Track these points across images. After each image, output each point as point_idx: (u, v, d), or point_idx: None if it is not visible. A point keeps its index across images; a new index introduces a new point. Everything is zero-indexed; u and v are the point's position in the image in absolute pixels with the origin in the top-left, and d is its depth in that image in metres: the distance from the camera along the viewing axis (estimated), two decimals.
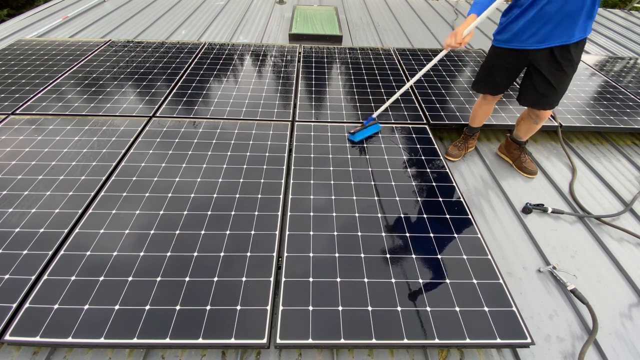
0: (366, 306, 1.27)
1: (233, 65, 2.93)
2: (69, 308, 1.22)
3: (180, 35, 3.88)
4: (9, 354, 1.22)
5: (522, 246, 1.71)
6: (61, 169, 1.79)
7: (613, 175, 2.19)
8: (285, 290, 1.31)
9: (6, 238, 1.44)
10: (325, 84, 2.70)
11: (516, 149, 2.15)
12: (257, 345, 1.15)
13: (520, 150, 2.14)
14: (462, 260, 1.45)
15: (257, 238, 1.49)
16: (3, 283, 1.29)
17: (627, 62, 3.43)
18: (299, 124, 2.22)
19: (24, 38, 3.28)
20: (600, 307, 1.47)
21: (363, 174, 1.86)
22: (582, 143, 2.47)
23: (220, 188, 1.72)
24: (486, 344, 1.19)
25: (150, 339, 1.15)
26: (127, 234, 1.48)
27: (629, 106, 2.61)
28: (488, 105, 2.04)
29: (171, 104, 2.37)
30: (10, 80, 2.55)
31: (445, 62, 3.14)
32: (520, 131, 2.07)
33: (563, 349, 1.32)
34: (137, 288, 1.29)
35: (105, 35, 3.76)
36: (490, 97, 1.98)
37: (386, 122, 2.29)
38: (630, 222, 1.88)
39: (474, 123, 2.16)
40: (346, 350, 1.27)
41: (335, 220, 1.59)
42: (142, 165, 1.83)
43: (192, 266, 1.37)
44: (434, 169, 1.92)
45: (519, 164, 2.14)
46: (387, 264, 1.42)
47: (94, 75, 2.66)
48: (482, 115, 2.10)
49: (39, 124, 2.12)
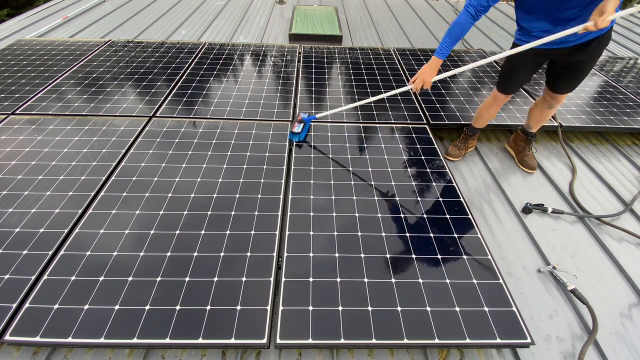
0: (366, 306, 1.27)
1: (233, 65, 2.93)
2: (69, 308, 1.22)
3: (180, 35, 3.88)
4: (8, 354, 1.22)
5: (522, 246, 1.71)
6: (61, 169, 1.79)
7: (613, 175, 2.19)
8: (285, 290, 1.31)
9: (6, 238, 1.44)
10: (325, 84, 2.70)
11: (522, 141, 2.17)
12: (257, 345, 1.15)
13: (527, 143, 2.16)
14: (462, 260, 1.45)
15: (257, 238, 1.49)
16: (3, 283, 1.29)
17: (627, 62, 3.43)
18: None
19: (24, 38, 3.28)
20: (600, 307, 1.47)
21: (363, 174, 1.86)
22: (582, 143, 2.47)
23: (220, 188, 1.72)
24: (486, 344, 1.19)
25: (150, 339, 1.15)
26: (127, 234, 1.48)
27: (629, 106, 2.61)
28: (497, 107, 2.03)
29: (171, 104, 2.36)
30: (10, 80, 2.55)
31: (445, 62, 3.15)
32: (532, 119, 2.08)
33: (563, 349, 1.32)
34: (137, 288, 1.29)
35: (105, 35, 3.76)
36: (502, 97, 1.96)
37: (386, 122, 2.29)
38: (630, 222, 1.87)
39: (477, 124, 2.15)
40: (346, 350, 1.27)
41: (335, 220, 1.59)
42: (142, 165, 1.83)
43: (192, 266, 1.37)
44: (434, 169, 1.92)
45: (520, 157, 2.16)
46: (387, 264, 1.42)
47: (94, 75, 2.66)
48: (488, 117, 2.10)
49: (39, 124, 2.12)
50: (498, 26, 4.71)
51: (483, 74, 2.96)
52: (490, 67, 3.10)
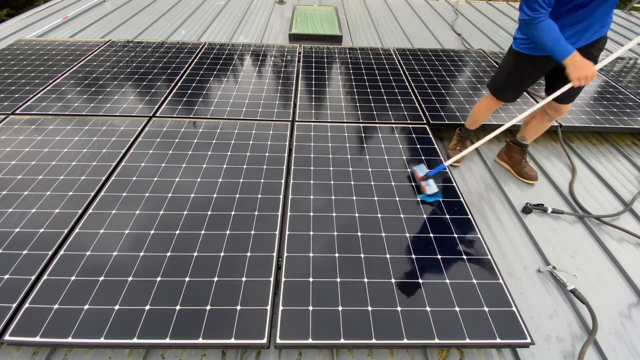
0: (366, 306, 1.27)
1: (233, 65, 2.93)
2: (69, 308, 1.22)
3: (180, 35, 3.88)
4: (8, 354, 1.22)
5: (522, 246, 1.71)
6: (61, 169, 1.79)
7: (613, 175, 2.19)
8: (285, 290, 1.31)
9: (6, 238, 1.44)
10: (325, 84, 2.70)
11: (518, 153, 2.07)
12: (257, 345, 1.15)
13: (522, 154, 2.07)
14: (462, 260, 1.45)
15: (257, 238, 1.49)
16: (3, 283, 1.29)
17: (627, 62, 3.43)
18: (299, 124, 2.22)
19: (24, 38, 3.28)
20: (600, 307, 1.47)
21: (363, 174, 1.86)
22: (582, 143, 2.47)
23: (220, 188, 1.72)
24: (486, 344, 1.19)
25: (150, 339, 1.15)
26: (127, 234, 1.48)
27: (629, 106, 2.61)
28: (492, 110, 2.00)
29: (171, 104, 2.37)
30: (10, 80, 2.55)
31: (445, 62, 3.15)
32: (528, 132, 2.00)
33: (563, 349, 1.32)
34: (137, 288, 1.29)
35: (105, 35, 3.76)
36: (501, 103, 1.92)
37: (386, 122, 2.29)
38: (630, 222, 1.88)
39: (472, 126, 2.12)
40: (346, 350, 1.27)
41: (335, 220, 1.59)
42: (142, 165, 1.83)
43: (192, 266, 1.37)
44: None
45: (519, 169, 2.07)
46: (387, 264, 1.42)
47: (94, 75, 2.66)
48: (483, 119, 2.08)
49: (38, 124, 2.12)
50: (498, 26, 4.71)
51: (483, 74, 2.96)
52: (490, 67, 3.09)
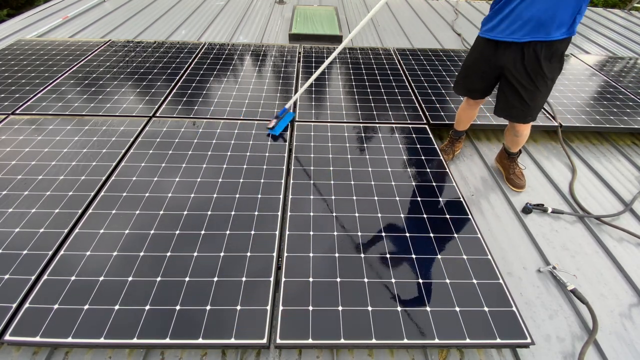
0: (366, 306, 1.27)
1: (233, 65, 2.93)
2: (69, 308, 1.22)
3: (180, 35, 3.88)
4: (8, 354, 1.22)
5: (522, 246, 1.71)
6: (61, 169, 1.79)
7: (613, 175, 2.19)
8: (285, 290, 1.31)
9: (6, 238, 1.44)
10: (325, 84, 2.70)
11: (506, 159, 2.07)
12: (257, 345, 1.15)
13: (510, 161, 2.05)
14: (462, 260, 1.45)
15: (257, 238, 1.49)
16: (3, 283, 1.29)
17: (627, 62, 3.43)
18: (299, 124, 2.22)
19: (24, 38, 3.28)
20: (600, 307, 1.47)
21: (363, 173, 1.86)
22: (582, 143, 2.47)
23: (220, 188, 1.72)
24: (486, 344, 1.19)
25: (150, 339, 1.15)
26: (127, 233, 1.48)
27: (629, 106, 2.61)
28: (471, 110, 2.02)
29: (171, 104, 2.36)
30: (10, 80, 2.55)
31: (445, 62, 3.15)
32: (507, 142, 2.01)
33: (563, 349, 1.32)
34: (137, 288, 1.29)
35: (105, 35, 3.76)
36: (472, 101, 1.95)
37: (386, 122, 2.29)
38: (630, 222, 1.87)
39: (459, 127, 2.14)
40: (346, 350, 1.27)
41: (335, 221, 1.59)
42: (142, 165, 1.83)
43: (192, 266, 1.37)
44: (434, 168, 1.92)
45: (507, 175, 2.06)
46: (387, 264, 1.42)
47: (94, 75, 2.66)
48: (467, 119, 2.09)
49: (39, 124, 2.12)
50: None
51: None
52: None
